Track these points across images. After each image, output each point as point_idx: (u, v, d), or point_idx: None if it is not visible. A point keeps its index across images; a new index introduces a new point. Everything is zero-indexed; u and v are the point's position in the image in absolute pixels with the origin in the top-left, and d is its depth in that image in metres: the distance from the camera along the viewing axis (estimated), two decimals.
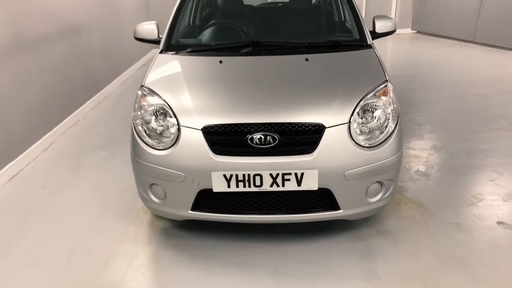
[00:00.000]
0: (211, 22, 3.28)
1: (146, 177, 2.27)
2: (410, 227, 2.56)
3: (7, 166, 3.29)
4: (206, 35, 3.11)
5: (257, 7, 3.55)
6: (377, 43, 2.90)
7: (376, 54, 2.61)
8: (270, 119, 2.09)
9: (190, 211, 2.25)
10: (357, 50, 2.67)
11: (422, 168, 3.30)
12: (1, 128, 3.22)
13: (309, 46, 2.67)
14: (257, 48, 2.67)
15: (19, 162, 3.44)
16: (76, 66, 4.65)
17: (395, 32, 2.99)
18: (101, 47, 5.44)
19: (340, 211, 2.21)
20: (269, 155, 2.08)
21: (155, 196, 2.31)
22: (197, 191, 2.16)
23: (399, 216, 2.67)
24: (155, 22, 3.05)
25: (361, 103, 2.18)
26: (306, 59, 2.49)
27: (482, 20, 8.13)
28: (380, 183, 2.23)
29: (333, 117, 2.11)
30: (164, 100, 2.25)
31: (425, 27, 9.90)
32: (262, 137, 2.06)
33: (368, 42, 2.78)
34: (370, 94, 2.22)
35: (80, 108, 4.71)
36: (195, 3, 3.64)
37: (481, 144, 3.70)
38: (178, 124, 2.16)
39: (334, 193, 2.14)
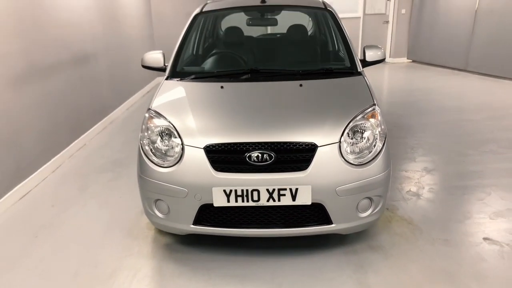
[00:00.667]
0: (213, 52, 3.53)
1: (151, 193, 2.43)
2: (400, 243, 2.69)
3: (18, 186, 3.45)
4: (208, 63, 3.35)
5: (256, 38, 3.80)
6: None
7: (365, 81, 2.83)
8: (266, 138, 2.28)
9: (192, 226, 2.40)
10: (347, 77, 2.89)
11: (413, 189, 3.46)
12: (13, 150, 3.41)
13: (304, 73, 2.90)
14: (256, 75, 2.89)
15: (29, 182, 3.61)
16: (84, 92, 4.89)
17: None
18: (108, 74, 5.71)
19: (333, 225, 2.37)
20: (266, 172, 2.25)
21: (160, 211, 2.46)
22: (199, 206, 2.32)
23: (390, 233, 2.81)
24: (161, 51, 3.28)
25: (351, 124, 2.37)
26: (300, 85, 2.70)
27: (473, 50, 8.46)
28: (370, 199, 2.38)
29: (324, 137, 2.30)
30: (169, 122, 2.44)
31: (420, 57, 10.24)
32: (259, 155, 2.24)
33: (358, 70, 3.00)
34: (359, 116, 2.41)
35: (87, 132, 4.92)
36: (198, 33, 3.90)
37: (470, 166, 3.87)
38: (182, 143, 2.35)
39: (326, 207, 2.30)
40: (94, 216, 3.15)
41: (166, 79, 3.01)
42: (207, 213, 2.37)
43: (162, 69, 3.22)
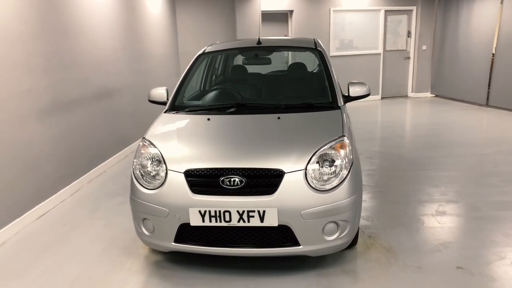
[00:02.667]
0: (213, 87, 3.88)
1: (140, 213, 2.72)
2: (373, 268, 2.81)
3: (37, 206, 3.86)
4: (206, 98, 3.69)
5: (254, 75, 4.13)
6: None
7: (342, 114, 3.05)
8: (238, 164, 2.53)
9: (173, 243, 2.65)
10: (326, 111, 3.12)
11: (400, 219, 3.55)
12: (34, 174, 3.84)
13: (286, 107, 3.17)
14: (242, 109, 3.19)
15: (47, 203, 4.01)
16: (106, 124, 5.37)
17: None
18: (131, 108, 6.21)
19: (300, 247, 2.54)
20: (237, 195, 2.49)
21: (146, 229, 2.74)
22: (178, 225, 2.58)
23: (366, 258, 2.93)
24: (165, 87, 3.65)
25: (317, 153, 2.58)
26: (278, 118, 2.97)
27: (494, 85, 8.43)
28: (336, 223, 2.55)
29: (292, 164, 2.53)
30: (158, 150, 2.76)
31: (442, 91, 10.26)
32: (231, 179, 2.50)
33: (339, 104, 3.23)
34: (326, 146, 2.63)
35: (108, 160, 5.36)
36: (205, 71, 4.29)
37: (468, 198, 3.92)
38: (166, 168, 2.65)
39: (293, 230, 2.49)
40: (97, 235, 3.46)
41: (165, 112, 3.37)
42: (186, 232, 2.61)
43: (165, 103, 3.59)
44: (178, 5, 9.28)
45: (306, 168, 2.52)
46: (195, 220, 2.52)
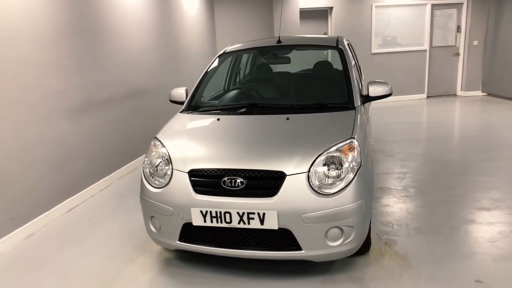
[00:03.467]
0: (232, 88, 3.88)
1: (148, 211, 2.78)
2: (383, 277, 2.68)
3: (67, 200, 4.07)
4: (224, 98, 3.70)
5: (277, 74, 4.08)
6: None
7: (356, 115, 2.93)
8: (239, 165, 2.51)
9: (178, 242, 2.68)
10: (339, 111, 3.01)
11: (422, 225, 3.36)
12: (64, 170, 4.05)
13: (298, 107, 3.10)
14: (252, 109, 3.15)
15: (77, 198, 4.22)
16: (139, 123, 5.55)
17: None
18: (164, 107, 6.35)
19: (302, 251, 2.48)
20: (238, 196, 2.47)
21: (154, 227, 2.79)
22: (182, 224, 2.60)
23: (377, 266, 2.80)
24: (185, 88, 3.71)
25: (322, 156, 2.50)
26: (287, 118, 2.91)
27: None
28: (340, 228, 2.46)
29: (294, 167, 2.46)
30: (166, 149, 2.80)
31: (495, 90, 9.59)
32: (232, 180, 2.48)
33: (355, 105, 3.10)
34: (333, 149, 2.53)
35: (139, 158, 5.54)
36: (229, 72, 4.30)
37: (497, 209, 3.63)
38: (172, 168, 2.68)
39: (294, 234, 2.43)
40: (117, 230, 3.59)
41: (180, 112, 3.42)
42: (190, 231, 2.64)
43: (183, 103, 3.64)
44: (216, 5, 9.40)
45: (309, 171, 2.45)
46: (197, 220, 2.54)
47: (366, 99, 3.31)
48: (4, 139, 3.32)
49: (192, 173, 2.59)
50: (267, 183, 2.46)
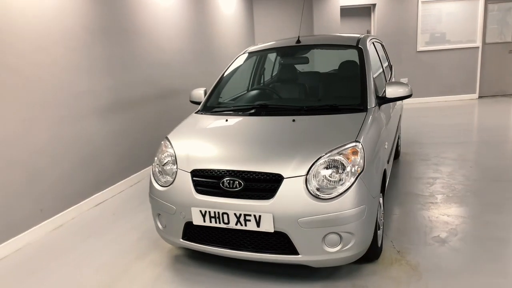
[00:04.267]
0: (251, 88, 3.88)
1: (155, 208, 2.86)
2: (387, 286, 2.56)
3: (95, 195, 4.29)
4: (241, 99, 3.71)
5: (297, 75, 4.02)
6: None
7: (367, 118, 2.82)
8: (238, 167, 2.52)
9: (181, 240, 2.74)
10: (349, 113, 2.91)
11: (443, 235, 3.17)
12: (93, 166, 4.27)
13: (307, 109, 3.04)
14: (261, 110, 3.14)
15: (106, 193, 4.43)
16: (168, 122, 5.70)
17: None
18: (194, 107, 6.49)
19: (299, 256, 2.43)
20: (235, 197, 2.48)
21: (161, 224, 2.87)
22: (184, 223, 2.66)
23: (384, 275, 2.69)
24: (204, 88, 3.77)
25: (321, 159, 2.43)
26: (293, 120, 2.86)
27: None
28: (338, 234, 2.39)
29: (292, 170, 2.42)
30: (173, 149, 2.87)
31: None
32: (231, 181, 2.49)
33: (368, 106, 2.99)
34: (334, 152, 2.46)
35: None
36: (252, 73, 4.30)
37: None
38: (177, 167, 2.74)
39: (290, 237, 2.40)
40: (137, 226, 3.73)
41: (195, 112, 3.48)
42: (192, 230, 2.68)
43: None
44: (256, 4, 9.43)
45: (307, 174, 2.40)
46: (197, 220, 2.58)
47: (383, 101, 3.17)
48: (36, 136, 3.57)
49: (194, 173, 2.64)
50: (264, 186, 2.44)
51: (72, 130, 3.98)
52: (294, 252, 2.44)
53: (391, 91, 3.15)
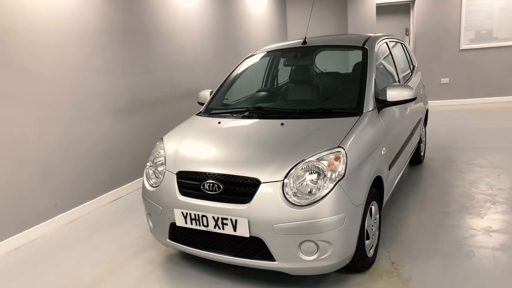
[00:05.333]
0: (257, 90, 3.86)
1: (147, 209, 2.93)
2: None
3: (111, 192, 4.47)
4: (243, 101, 3.69)
5: (297, 76, 3.94)
6: None
7: (358, 122, 2.71)
8: (217, 170, 2.52)
9: (168, 240, 2.79)
10: (342, 117, 2.81)
11: (447, 248, 2.98)
12: (110, 164, 4.45)
13: (301, 112, 2.97)
14: (254, 113, 3.11)
15: (121, 190, 4.61)
16: None
17: None
18: None
19: (276, 262, 2.39)
20: (215, 201, 2.48)
21: (152, 223, 2.94)
22: (169, 223, 2.70)
23: (370, 286, 2.57)
24: (210, 90, 3.81)
25: (300, 164, 2.37)
26: (282, 124, 2.81)
27: None
28: (315, 243, 2.32)
29: (270, 174, 2.38)
30: (164, 151, 2.92)
31: None
32: (211, 184, 2.50)
33: (364, 110, 2.87)
34: (314, 157, 2.39)
35: None
36: (265, 75, 4.26)
37: None
38: (165, 168, 2.80)
39: (266, 243, 2.36)
40: (142, 223, 3.83)
41: (196, 114, 3.51)
42: (176, 231, 2.72)
43: None
44: (289, 4, 9.35)
45: (284, 180, 2.35)
46: (180, 221, 2.61)
47: (383, 104, 3.03)
48: (51, 134, 3.78)
49: (179, 175, 2.67)
50: (242, 190, 2.42)
51: (89, 129, 4.17)
52: (271, 258, 2.40)
53: (392, 94, 3.01)
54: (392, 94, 3.01)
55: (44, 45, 3.68)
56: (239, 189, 2.43)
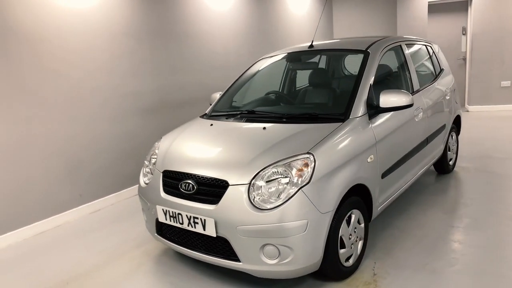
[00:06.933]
0: (265, 93, 3.91)
1: (141, 204, 3.13)
2: None
3: (133, 187, 4.79)
4: (245, 105, 3.74)
5: (299, 80, 3.91)
6: None
7: (338, 129, 2.66)
8: (193, 171, 2.63)
9: (156, 234, 2.96)
10: (326, 123, 2.77)
11: (438, 263, 2.82)
12: (134, 160, 4.76)
13: (289, 117, 2.97)
14: (244, 116, 3.16)
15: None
16: None
17: None
18: None
19: (241, 263, 2.46)
20: (189, 200, 2.60)
21: (145, 218, 3.13)
22: (155, 219, 2.87)
23: None
24: (220, 92, 3.93)
25: (267, 169, 2.41)
26: (264, 128, 2.84)
27: None
28: (276, 247, 2.34)
29: (238, 177, 2.45)
30: (158, 150, 3.10)
31: None
32: (187, 184, 2.62)
33: (351, 117, 2.81)
34: (281, 162, 2.41)
35: None
36: (282, 79, 4.28)
37: None
38: (155, 167, 2.97)
39: (231, 244, 2.43)
40: None
41: (200, 116, 3.64)
42: (161, 227, 2.88)
43: None
44: (335, 4, 9.17)
45: (250, 183, 2.41)
46: (161, 217, 2.77)
47: (376, 111, 2.94)
48: (80, 131, 4.16)
49: (165, 174, 2.83)
50: (212, 191, 2.52)
51: (115, 127, 4.51)
52: (236, 259, 2.47)
53: (385, 100, 2.91)
54: (385, 100, 2.91)
55: (74, 50, 4.05)
56: (210, 190, 2.53)
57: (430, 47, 4.42)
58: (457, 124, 4.74)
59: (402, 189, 3.42)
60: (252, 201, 2.37)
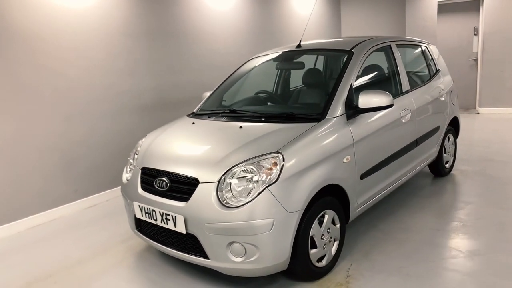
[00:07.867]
0: (256, 92, 3.92)
1: (124, 200, 3.20)
2: None
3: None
4: (232, 104, 3.75)
5: (284, 80, 3.91)
6: None
7: (311, 129, 2.65)
8: (167, 168, 2.67)
9: (135, 230, 3.02)
10: (301, 122, 2.76)
11: (411, 266, 2.78)
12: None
13: (267, 116, 2.98)
14: (225, 115, 3.19)
15: None
16: None
17: None
18: None
19: (209, 260, 2.48)
20: (162, 197, 2.65)
21: (127, 213, 3.19)
22: (133, 214, 2.93)
23: None
24: (210, 92, 3.96)
25: (236, 167, 2.43)
26: (240, 127, 2.86)
27: None
28: (242, 245, 2.35)
29: (208, 175, 2.48)
30: (140, 147, 3.16)
31: None
32: (161, 181, 2.67)
33: (327, 117, 2.79)
34: (250, 161, 2.43)
35: None
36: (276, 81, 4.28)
37: None
38: (135, 164, 3.03)
39: (200, 241, 2.46)
40: None
41: (187, 115, 3.68)
42: (141, 223, 2.94)
43: None
44: (344, 3, 9.09)
45: (219, 181, 2.43)
46: (138, 213, 2.82)
47: (355, 112, 2.91)
48: (75, 127, 4.27)
49: (143, 170, 2.89)
50: (183, 188, 2.55)
51: (111, 124, 4.60)
52: (205, 256, 2.49)
53: (364, 101, 2.88)
54: (364, 101, 2.88)
55: (69, 48, 4.16)
56: (181, 187, 2.56)
57: (426, 47, 4.34)
58: (455, 126, 4.64)
59: (386, 191, 3.38)
60: (221, 199, 2.40)
